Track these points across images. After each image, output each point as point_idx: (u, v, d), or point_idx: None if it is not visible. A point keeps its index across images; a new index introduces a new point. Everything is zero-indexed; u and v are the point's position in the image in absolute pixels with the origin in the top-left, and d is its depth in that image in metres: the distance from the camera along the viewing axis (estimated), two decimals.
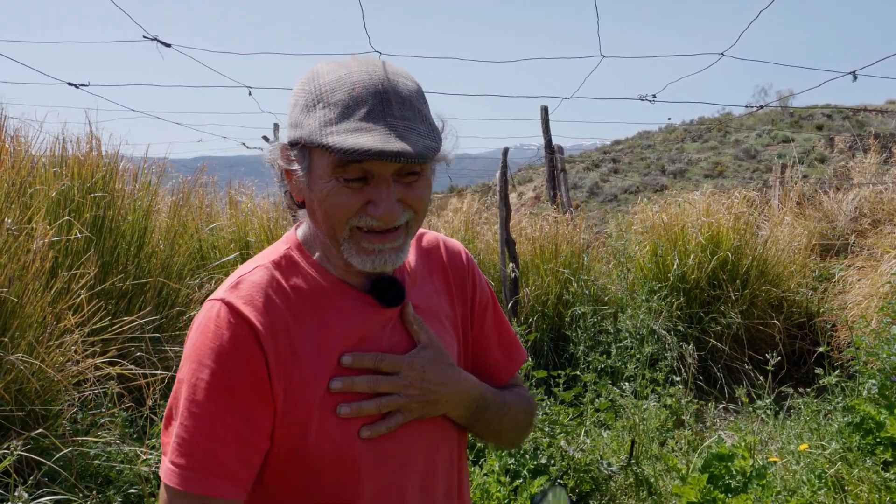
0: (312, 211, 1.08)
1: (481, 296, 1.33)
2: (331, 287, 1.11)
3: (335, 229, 1.05)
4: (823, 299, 5.94)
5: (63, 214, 3.85)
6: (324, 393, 1.05)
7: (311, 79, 1.05)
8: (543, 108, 7.96)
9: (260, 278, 1.07)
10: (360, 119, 0.98)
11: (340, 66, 1.05)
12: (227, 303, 1.02)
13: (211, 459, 0.97)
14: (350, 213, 1.02)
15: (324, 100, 1.01)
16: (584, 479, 3.47)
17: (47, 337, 3.06)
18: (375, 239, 1.05)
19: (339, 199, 1.02)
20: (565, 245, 6.01)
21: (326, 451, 1.04)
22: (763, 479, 2.93)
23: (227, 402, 0.98)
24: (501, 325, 1.37)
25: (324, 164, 1.02)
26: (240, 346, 1.00)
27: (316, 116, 1.00)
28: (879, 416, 3.37)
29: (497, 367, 1.34)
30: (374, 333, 1.12)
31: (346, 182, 1.01)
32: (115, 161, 4.54)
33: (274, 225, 6.10)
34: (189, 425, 0.98)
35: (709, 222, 6.03)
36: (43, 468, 2.73)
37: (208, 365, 0.99)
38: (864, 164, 8.20)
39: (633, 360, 4.77)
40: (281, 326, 1.03)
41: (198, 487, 0.97)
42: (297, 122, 1.04)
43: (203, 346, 1.00)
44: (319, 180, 1.03)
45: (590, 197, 25.96)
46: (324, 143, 0.97)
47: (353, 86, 1.01)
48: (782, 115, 31.64)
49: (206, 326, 1.01)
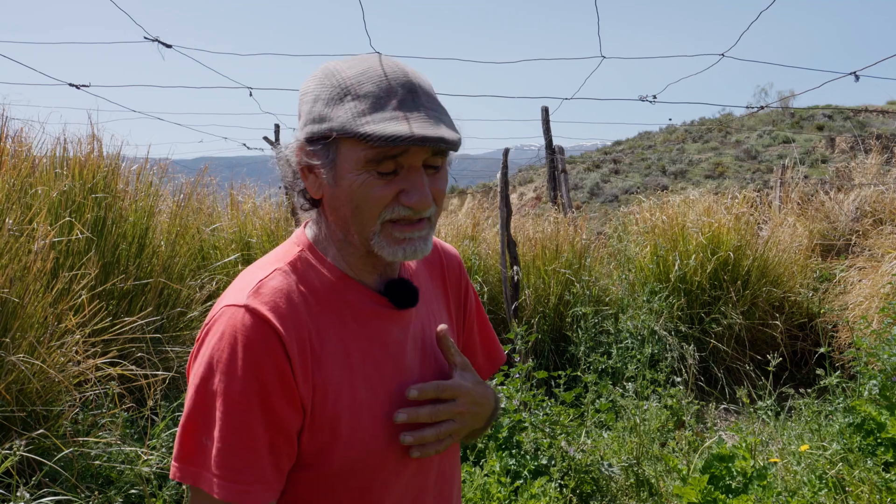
0: (335, 207, 1.07)
1: (472, 300, 1.38)
2: (347, 288, 1.11)
3: (365, 224, 1.04)
4: (824, 300, 5.94)
5: (64, 215, 3.86)
6: (351, 398, 1.05)
7: (329, 75, 1.05)
8: (544, 108, 7.96)
9: (280, 283, 1.05)
10: (394, 108, 0.99)
11: (360, 62, 1.06)
12: (251, 309, 1.00)
13: (252, 469, 0.97)
14: (383, 204, 1.03)
15: (352, 92, 1.01)
16: (585, 480, 3.47)
17: (48, 337, 3.06)
18: (406, 228, 1.05)
19: (373, 190, 1.02)
20: (567, 246, 6.01)
21: (356, 457, 1.05)
22: (764, 480, 2.93)
23: (261, 412, 0.98)
24: (485, 327, 1.42)
25: (354, 157, 1.01)
26: (269, 355, 0.98)
27: (346, 108, 1.00)
28: (880, 417, 3.37)
29: (481, 369, 1.40)
30: (393, 337, 1.13)
31: (378, 174, 1.01)
32: (117, 162, 4.55)
33: (275, 226, 6.11)
34: (227, 436, 0.96)
35: (709, 223, 6.03)
36: (44, 469, 2.74)
37: (240, 376, 0.97)
38: (866, 164, 8.19)
39: (634, 361, 4.77)
40: (304, 331, 1.03)
41: (241, 497, 0.96)
42: (322, 115, 1.03)
43: (233, 355, 0.98)
44: (348, 174, 1.02)
45: (591, 197, 25.94)
46: (361, 132, 0.97)
47: (379, 78, 1.02)
48: (783, 115, 31.62)
49: (233, 336, 0.98)
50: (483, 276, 6.01)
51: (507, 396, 3.64)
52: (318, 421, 1.02)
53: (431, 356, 1.20)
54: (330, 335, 1.06)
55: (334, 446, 1.03)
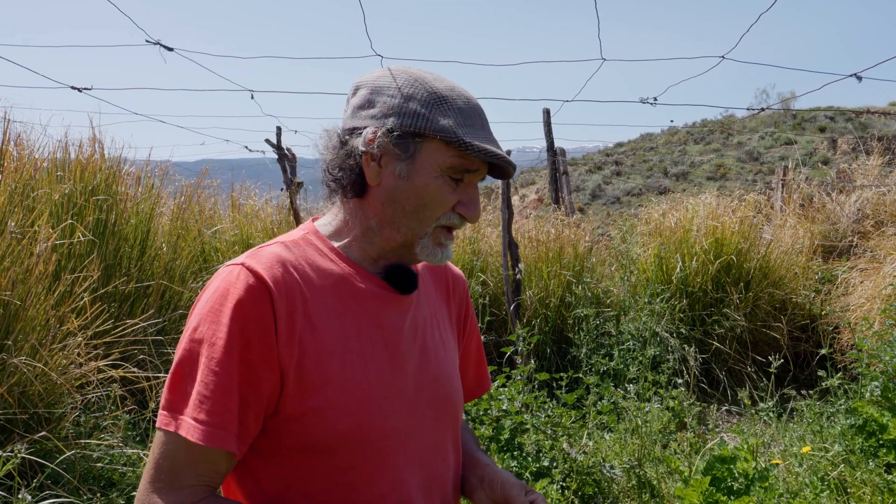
0: (394, 199, 1.12)
1: (472, 324, 1.43)
2: (347, 270, 1.15)
3: (424, 222, 1.13)
4: (826, 301, 5.93)
5: (66, 218, 3.87)
6: (342, 368, 1.08)
7: (419, 81, 1.13)
8: (545, 110, 7.96)
9: (279, 251, 1.11)
10: (480, 129, 1.12)
11: (441, 78, 1.16)
12: (247, 266, 1.05)
13: (229, 416, 1.01)
14: (446, 208, 1.12)
15: (448, 104, 1.11)
16: (587, 482, 3.47)
17: (50, 340, 3.07)
18: (449, 236, 1.16)
19: (444, 194, 1.11)
20: (570, 248, 6.01)
21: (343, 431, 1.06)
22: (766, 482, 2.93)
23: (239, 362, 1.01)
24: (479, 353, 1.47)
25: (438, 159, 1.10)
26: (256, 308, 1.02)
27: (447, 115, 1.10)
28: (882, 419, 3.36)
29: (470, 389, 1.45)
30: (390, 320, 1.16)
31: (451, 180, 1.11)
32: (119, 164, 4.56)
33: (277, 228, 6.12)
34: (209, 382, 1.00)
35: (714, 225, 6.03)
36: (46, 471, 2.74)
37: (226, 323, 1.01)
38: (867, 166, 8.18)
39: (636, 363, 4.77)
40: (297, 294, 1.07)
41: (218, 443, 1.00)
42: (418, 113, 1.09)
43: (222, 305, 1.03)
44: (426, 173, 1.10)
45: (592, 199, 25.94)
46: (465, 141, 1.08)
47: (466, 99, 1.14)
48: (785, 117, 31.60)
49: (226, 289, 1.04)
50: (485, 277, 6.01)
51: (508, 398, 3.64)
52: (305, 383, 1.05)
53: (432, 352, 1.22)
54: (326, 306, 1.10)
55: (322, 414, 1.05)
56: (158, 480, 1.02)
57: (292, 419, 1.06)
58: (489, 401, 3.57)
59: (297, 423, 1.06)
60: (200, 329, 1.03)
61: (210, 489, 1.04)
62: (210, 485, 1.04)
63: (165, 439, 1.02)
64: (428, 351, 1.21)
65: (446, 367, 1.25)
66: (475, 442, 1.40)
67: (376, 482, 1.11)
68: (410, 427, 1.15)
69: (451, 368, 1.27)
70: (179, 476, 1.01)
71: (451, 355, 1.29)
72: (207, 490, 1.04)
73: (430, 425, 1.19)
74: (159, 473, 1.02)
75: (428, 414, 1.19)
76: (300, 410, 1.05)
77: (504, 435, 3.49)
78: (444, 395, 1.23)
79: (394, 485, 1.13)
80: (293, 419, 1.06)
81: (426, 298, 1.27)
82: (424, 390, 1.19)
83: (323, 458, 1.08)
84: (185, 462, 1.01)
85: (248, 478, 1.12)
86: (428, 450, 1.19)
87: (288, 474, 1.09)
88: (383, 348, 1.13)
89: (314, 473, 1.08)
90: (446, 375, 1.24)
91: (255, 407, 1.04)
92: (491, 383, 1.56)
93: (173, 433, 1.01)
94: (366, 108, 1.13)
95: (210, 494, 1.04)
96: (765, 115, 32.21)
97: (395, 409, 1.12)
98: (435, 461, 1.21)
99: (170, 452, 1.02)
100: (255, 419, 1.04)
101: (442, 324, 1.30)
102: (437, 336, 1.26)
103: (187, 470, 1.01)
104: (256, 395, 1.03)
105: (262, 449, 1.09)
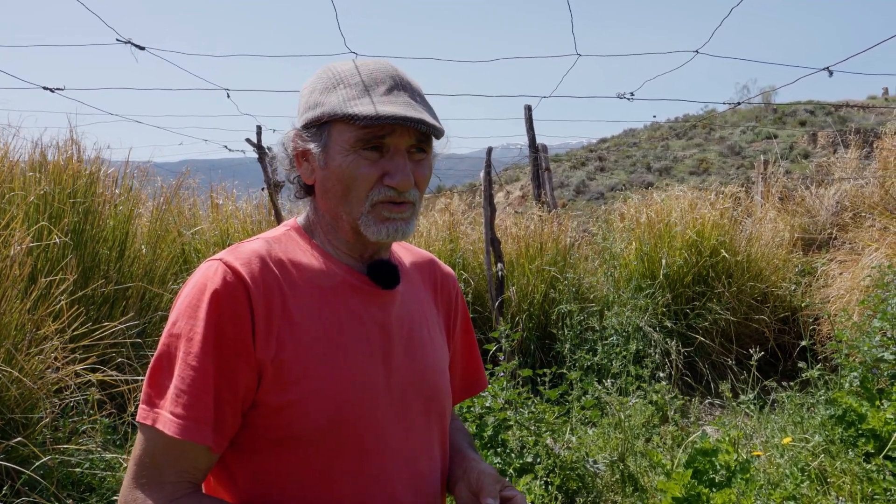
0: (326, 189, 1.13)
1: (463, 322, 1.43)
2: (328, 265, 1.15)
3: (354, 203, 1.11)
4: (806, 293, 5.99)
5: (42, 220, 3.82)
6: (321, 363, 1.07)
7: (326, 69, 1.15)
8: (527, 107, 7.97)
9: (259, 247, 1.11)
10: (382, 94, 1.10)
11: (352, 62, 1.16)
12: (225, 262, 1.06)
13: (205, 410, 1.01)
14: (370, 183, 1.10)
15: (343, 82, 1.11)
16: (571, 477, 3.48)
17: (27, 344, 3.02)
18: (394, 208, 1.12)
19: (360, 170, 1.09)
20: (551, 244, 6.02)
21: (323, 424, 1.06)
22: (747, 474, 2.95)
23: (214, 356, 1.01)
24: (471, 351, 1.46)
25: (343, 139, 1.09)
26: (233, 304, 1.03)
27: (337, 94, 1.10)
28: (861, 409, 3.40)
29: (455, 391, 1.43)
30: (372, 315, 1.16)
31: (364, 153, 1.09)
32: (97, 165, 4.51)
33: (257, 228, 6.08)
34: (186, 377, 1.01)
35: (693, 219, 6.06)
36: (22, 477, 2.70)
37: (202, 318, 1.02)
38: (845, 159, 8.26)
39: (619, 358, 4.79)
40: (275, 289, 1.07)
41: (194, 436, 1.00)
42: (316, 102, 1.12)
43: (199, 301, 1.03)
44: (338, 155, 1.10)
45: (576, 195, 26.03)
46: (350, 112, 1.07)
47: (370, 71, 1.13)
48: (766, 111, 31.88)
49: (203, 284, 1.04)
50: (467, 275, 6.01)
51: (492, 395, 3.64)
52: (283, 378, 1.05)
53: (418, 349, 1.21)
54: (306, 302, 1.10)
55: (300, 407, 1.05)
56: (140, 476, 1.02)
57: (271, 412, 1.05)
58: (472, 398, 3.57)
59: (276, 417, 1.05)
60: (178, 324, 1.04)
61: (192, 485, 1.04)
62: (192, 481, 1.04)
63: (145, 434, 1.03)
64: (413, 348, 1.21)
65: (433, 364, 1.24)
66: (468, 441, 1.40)
67: (357, 478, 1.10)
68: (393, 423, 1.14)
69: (437, 366, 1.26)
70: (160, 472, 1.02)
71: (438, 354, 1.28)
72: (190, 486, 1.04)
73: (415, 422, 1.18)
74: (141, 469, 1.02)
75: (413, 412, 1.18)
76: (278, 404, 1.05)
77: (487, 432, 3.49)
78: (429, 393, 1.22)
79: (377, 481, 1.12)
80: (272, 412, 1.05)
81: (413, 296, 1.26)
82: (409, 387, 1.18)
83: (301, 453, 1.07)
84: (165, 457, 1.02)
85: (225, 473, 1.11)
86: (413, 447, 1.18)
87: (265, 469, 1.08)
88: (365, 343, 1.13)
89: (292, 468, 1.08)
90: (432, 373, 1.23)
91: (231, 401, 1.04)
92: (487, 383, 1.52)
93: (151, 427, 1.02)
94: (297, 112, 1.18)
95: (193, 491, 1.04)
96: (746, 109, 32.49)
97: (375, 405, 1.12)
98: (421, 458, 1.20)
99: (150, 448, 1.02)
100: (232, 413, 1.04)
101: (430, 321, 1.29)
102: (425, 334, 1.25)
103: (168, 465, 1.02)
104: (233, 390, 1.03)
105: (241, 443, 1.08)
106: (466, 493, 1.21)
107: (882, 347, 3.86)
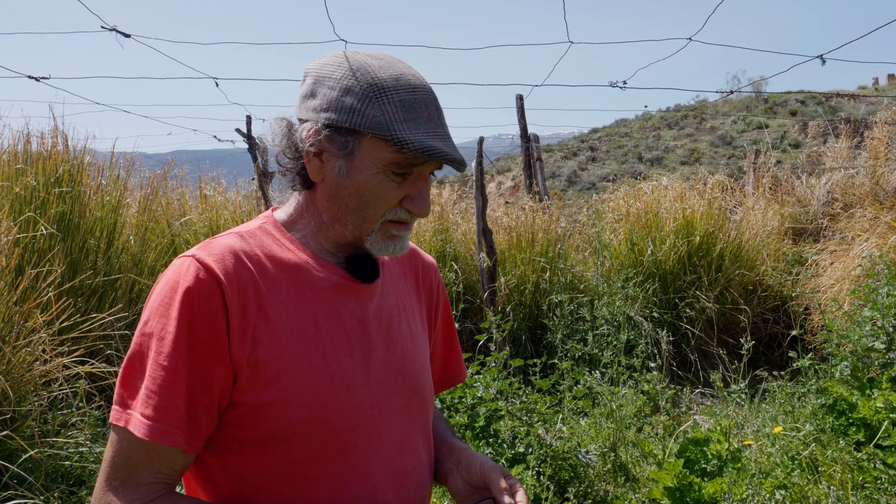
0: (337, 196, 1.09)
1: (444, 312, 1.40)
2: (305, 260, 1.12)
3: (368, 220, 1.09)
4: (797, 283, 6.01)
5: (27, 210, 3.77)
6: (298, 360, 1.05)
7: (361, 69, 1.07)
8: (518, 96, 7.93)
9: (233, 242, 1.08)
10: (425, 122, 1.05)
11: (389, 64, 1.09)
12: (198, 259, 1.03)
13: (176, 412, 0.99)
14: (390, 206, 1.08)
15: (387, 95, 1.04)
16: (563, 467, 3.48)
17: (14, 336, 2.99)
18: (402, 227, 1.12)
19: (386, 191, 1.07)
20: (541, 234, 6.01)
21: (300, 421, 1.04)
22: (738, 463, 2.96)
23: (187, 355, 0.99)
24: (451, 342, 1.44)
25: (376, 157, 1.05)
26: (205, 300, 1.00)
27: (384, 110, 1.03)
28: (852, 398, 3.41)
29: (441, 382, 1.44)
30: (350, 310, 1.13)
31: (393, 176, 1.06)
32: (83, 156, 4.46)
33: (246, 217, 6.04)
34: (157, 377, 0.99)
35: (682, 208, 6.06)
36: (9, 471, 2.68)
37: (174, 317, 0.99)
38: (836, 148, 8.28)
39: (610, 347, 4.79)
40: (250, 286, 1.04)
41: (165, 439, 0.98)
42: (353, 108, 1.04)
43: (171, 299, 1.01)
44: (366, 170, 1.06)
45: (568, 185, 26.05)
46: (400, 138, 1.02)
47: (413, 89, 1.07)
48: (757, 101, 31.96)
49: (176, 282, 1.01)
50: (459, 265, 6.00)
51: (483, 386, 3.64)
52: (260, 376, 1.03)
53: (398, 343, 1.19)
54: (282, 298, 1.07)
55: (278, 406, 1.03)
56: (114, 479, 1.00)
57: (248, 412, 1.03)
58: (464, 388, 3.56)
59: (253, 416, 1.03)
60: (150, 323, 1.01)
61: (167, 486, 1.02)
62: (167, 482, 1.02)
63: (117, 436, 1.01)
64: (394, 342, 1.19)
65: (414, 358, 1.22)
66: (449, 430, 1.38)
67: (338, 476, 1.08)
68: (374, 420, 1.12)
69: (418, 359, 1.24)
70: (134, 474, 1.00)
71: (419, 346, 1.26)
72: (164, 487, 1.02)
73: (397, 418, 1.16)
74: (114, 471, 1.00)
75: (394, 406, 1.16)
76: (255, 403, 1.03)
77: (479, 422, 3.48)
78: (410, 388, 1.20)
79: (358, 478, 1.10)
80: (249, 412, 1.03)
81: (393, 288, 1.24)
82: (390, 382, 1.16)
83: (280, 451, 1.05)
84: (138, 459, 0.99)
85: (203, 473, 1.09)
86: (396, 443, 1.16)
87: (244, 468, 1.06)
88: (344, 339, 1.11)
89: (271, 467, 1.06)
90: (413, 367, 1.21)
91: (205, 401, 1.01)
92: (466, 373, 1.52)
93: (123, 428, 1.00)
94: (309, 98, 1.10)
95: (167, 492, 1.02)
96: (737, 99, 32.55)
97: (355, 401, 1.10)
98: (404, 455, 1.18)
99: (122, 449, 1.00)
100: (206, 413, 1.02)
101: (410, 314, 1.27)
102: (405, 326, 1.23)
103: (142, 467, 1.00)
104: (207, 390, 1.01)
105: (218, 442, 1.06)
106: (464, 486, 1.20)
107: (872, 337, 3.88)
